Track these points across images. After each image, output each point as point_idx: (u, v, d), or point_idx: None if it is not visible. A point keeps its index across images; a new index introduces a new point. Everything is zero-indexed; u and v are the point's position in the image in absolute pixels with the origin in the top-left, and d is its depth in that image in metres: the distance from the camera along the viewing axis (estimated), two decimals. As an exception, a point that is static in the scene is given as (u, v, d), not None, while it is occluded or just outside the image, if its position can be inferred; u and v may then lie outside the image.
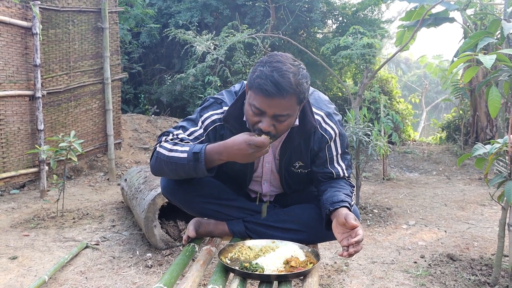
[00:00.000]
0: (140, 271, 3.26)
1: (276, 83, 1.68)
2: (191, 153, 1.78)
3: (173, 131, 1.97)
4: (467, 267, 3.25)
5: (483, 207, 5.17)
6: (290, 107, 1.75)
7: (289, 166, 2.07)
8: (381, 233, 4.18)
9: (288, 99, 1.72)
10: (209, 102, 2.06)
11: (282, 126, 1.79)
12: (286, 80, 1.69)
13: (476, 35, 2.94)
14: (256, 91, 1.73)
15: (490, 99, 2.70)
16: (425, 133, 16.33)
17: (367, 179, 7.03)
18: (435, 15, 5.53)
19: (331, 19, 11.78)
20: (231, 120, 1.94)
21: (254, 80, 1.74)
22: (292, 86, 1.70)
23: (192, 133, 1.97)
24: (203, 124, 1.99)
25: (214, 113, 2.00)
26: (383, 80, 11.23)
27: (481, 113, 9.00)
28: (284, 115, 1.75)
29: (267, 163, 2.11)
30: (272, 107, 1.72)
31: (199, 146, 1.80)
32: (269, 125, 1.75)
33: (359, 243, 1.64)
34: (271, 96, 1.69)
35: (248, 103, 1.80)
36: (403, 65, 26.57)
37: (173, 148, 1.84)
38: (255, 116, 1.78)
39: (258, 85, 1.71)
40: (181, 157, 1.80)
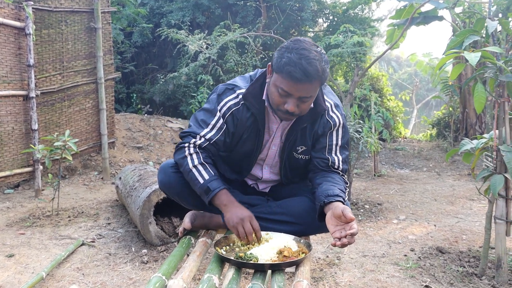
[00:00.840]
0: (136, 267, 3.31)
1: (304, 70, 1.83)
2: (206, 185, 1.99)
3: (198, 132, 2.08)
4: (456, 259, 3.34)
5: (472, 201, 5.27)
6: (314, 90, 1.93)
7: (292, 150, 2.17)
8: (372, 228, 4.27)
9: (314, 84, 1.89)
10: (221, 90, 2.16)
11: (305, 106, 1.95)
12: (313, 68, 1.85)
13: (462, 33, 3.01)
14: (284, 76, 1.87)
15: (476, 96, 2.77)
16: (416, 130, 16.46)
17: (358, 176, 7.11)
18: (424, 13, 5.59)
19: (322, 18, 11.85)
20: (250, 99, 2.08)
21: (283, 67, 1.87)
22: (319, 73, 1.87)
23: (214, 126, 2.09)
24: (221, 112, 2.10)
25: (228, 100, 2.11)
26: (374, 78, 11.32)
27: (470, 110, 9.11)
28: (308, 97, 1.92)
29: (274, 146, 2.20)
30: (299, 91, 1.88)
31: (216, 184, 2.00)
32: (295, 106, 1.92)
33: (353, 236, 1.72)
34: (300, 82, 1.85)
35: (274, 85, 1.95)
36: (394, 63, 26.68)
37: (198, 166, 2.04)
38: (281, 98, 1.93)
39: (288, 72, 1.85)
40: (197, 179, 2.01)
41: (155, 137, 8.33)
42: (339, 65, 11.11)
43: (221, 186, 1.99)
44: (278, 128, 2.15)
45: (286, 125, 2.15)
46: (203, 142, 2.07)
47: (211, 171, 2.02)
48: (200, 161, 2.03)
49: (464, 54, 2.61)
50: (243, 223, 1.88)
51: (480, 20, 3.16)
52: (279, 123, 2.14)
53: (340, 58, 8.72)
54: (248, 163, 2.22)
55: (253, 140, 2.14)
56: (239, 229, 1.87)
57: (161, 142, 8.29)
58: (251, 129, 2.12)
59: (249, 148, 2.17)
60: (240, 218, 1.89)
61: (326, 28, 11.58)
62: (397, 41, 5.50)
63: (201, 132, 2.08)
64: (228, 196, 1.98)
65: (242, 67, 8.53)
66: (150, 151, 7.91)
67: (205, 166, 2.03)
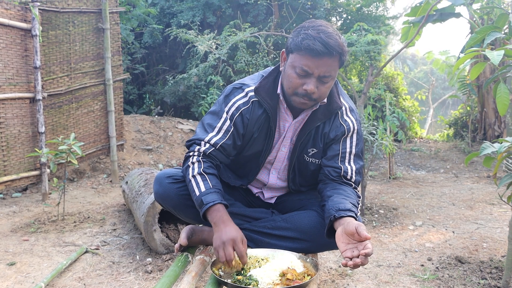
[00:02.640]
0: (140, 277, 3.20)
1: (325, 43, 1.76)
2: (200, 198, 1.84)
3: (202, 137, 1.98)
4: (476, 270, 3.15)
5: (492, 206, 5.06)
6: (334, 68, 1.83)
7: (303, 152, 2.05)
8: (387, 235, 4.09)
9: (334, 59, 1.80)
10: (229, 90, 2.06)
11: (324, 88, 1.86)
12: (333, 40, 1.78)
13: (483, 30, 2.83)
14: (304, 52, 1.79)
15: (498, 96, 2.60)
16: (432, 130, 16.19)
17: (373, 178, 6.93)
18: (440, 10, 5.42)
19: (335, 16, 11.68)
20: (263, 93, 1.98)
21: (301, 42, 1.79)
22: (340, 46, 1.79)
23: (220, 129, 1.98)
24: (228, 114, 1.99)
25: (237, 99, 2.01)
26: (389, 77, 11.13)
27: (488, 109, 8.88)
28: (328, 76, 1.83)
29: (284, 147, 2.08)
30: (320, 66, 1.79)
31: (211, 198, 1.83)
32: (314, 86, 1.82)
33: (367, 257, 1.55)
34: (320, 56, 1.77)
35: (292, 66, 1.85)
36: (409, 61, 26.38)
37: (197, 177, 1.90)
38: (300, 79, 1.83)
39: (307, 46, 1.77)
40: (194, 191, 1.87)
41: (165, 139, 8.23)
42: (353, 64, 10.94)
43: (215, 200, 1.82)
44: (290, 128, 2.01)
45: (298, 125, 2.03)
46: (208, 148, 1.95)
47: (210, 183, 1.87)
48: (200, 171, 1.90)
49: (485, 53, 2.43)
50: (224, 246, 1.70)
51: (502, 15, 2.98)
52: (291, 121, 2.01)
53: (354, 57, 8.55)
54: (255, 166, 2.08)
55: (263, 140, 2.02)
56: (219, 253, 1.69)
57: (171, 144, 8.19)
58: (262, 128, 2.00)
59: (258, 148, 2.04)
60: (222, 241, 1.71)
61: (339, 27, 11.39)
62: (412, 39, 5.32)
63: (205, 137, 1.96)
64: (220, 213, 1.80)
65: (253, 67, 8.40)
66: (160, 153, 7.81)
67: (204, 176, 1.89)
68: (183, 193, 1.95)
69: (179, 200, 1.96)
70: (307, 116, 2.01)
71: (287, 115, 2.01)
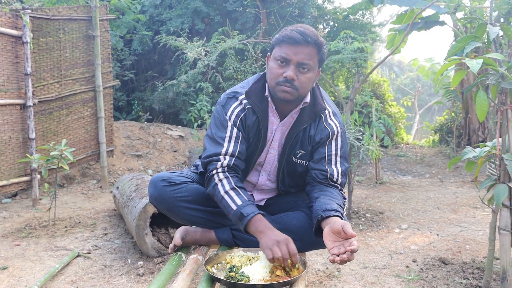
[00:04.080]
0: (132, 280, 3.25)
1: (301, 32, 1.94)
2: (239, 211, 1.90)
3: (219, 151, 2.02)
4: (459, 271, 3.25)
5: (475, 209, 5.18)
6: (312, 57, 1.96)
7: (291, 154, 2.13)
8: (374, 238, 4.18)
9: (311, 48, 1.95)
10: (224, 100, 2.14)
11: (304, 78, 1.97)
12: (310, 31, 1.96)
13: (463, 39, 2.94)
14: (282, 42, 1.97)
15: (478, 103, 2.70)
16: (419, 136, 16.36)
17: (359, 183, 7.03)
18: (425, 18, 5.55)
19: (323, 24, 11.79)
20: (253, 97, 2.08)
21: (280, 35, 1.98)
22: (315, 36, 1.95)
23: (230, 138, 2.05)
24: (231, 121, 2.07)
25: (234, 107, 2.09)
26: (375, 83, 11.26)
27: (472, 115, 9.03)
28: (306, 64, 1.95)
29: (273, 150, 2.16)
30: (298, 54, 1.94)
31: (251, 210, 1.90)
32: (294, 73, 1.95)
33: (353, 253, 1.64)
34: (297, 43, 1.93)
35: (274, 59, 2.00)
36: (396, 68, 26.59)
37: (230, 192, 1.95)
38: (280, 68, 1.97)
39: (285, 35, 1.95)
40: (230, 206, 1.92)
41: (154, 145, 8.27)
42: (339, 71, 11.06)
43: (255, 211, 1.89)
44: (277, 130, 2.10)
45: (286, 128, 2.11)
46: (230, 160, 2.01)
47: (244, 196, 1.94)
48: (232, 185, 1.96)
49: (465, 61, 2.53)
50: (279, 245, 1.75)
51: (481, 25, 3.09)
52: (277, 123, 2.10)
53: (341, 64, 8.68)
54: (246, 168, 2.16)
55: (255, 143, 2.10)
56: (274, 250, 1.74)
57: (160, 150, 8.23)
58: (255, 132, 2.09)
59: (250, 151, 2.12)
60: (276, 240, 1.77)
61: (326, 34, 11.51)
62: (398, 46, 5.44)
63: (222, 150, 2.02)
64: (264, 222, 1.88)
65: (241, 74, 8.47)
66: (149, 159, 7.85)
67: (237, 191, 1.96)
68: (177, 196, 2.02)
69: (173, 203, 2.02)
70: (294, 120, 2.10)
71: (274, 117, 2.10)
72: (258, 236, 1.84)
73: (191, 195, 2.04)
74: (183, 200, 2.02)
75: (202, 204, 2.03)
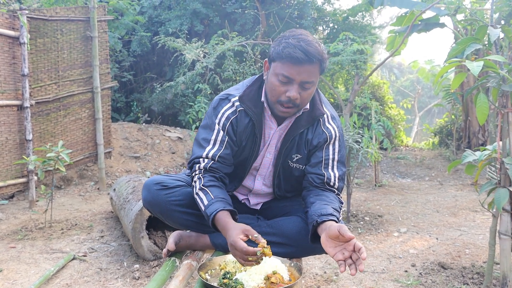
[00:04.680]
0: (127, 283, 3.21)
1: (305, 51, 1.83)
2: (205, 212, 1.87)
3: (200, 154, 2.01)
4: (459, 276, 3.22)
5: (475, 213, 5.14)
6: (315, 74, 1.90)
7: (287, 158, 2.09)
8: (372, 241, 4.15)
9: (315, 66, 1.88)
10: (216, 102, 2.10)
11: (306, 94, 1.92)
12: (313, 48, 1.85)
13: (464, 41, 2.91)
14: (285, 60, 1.86)
15: (479, 106, 2.67)
16: (418, 138, 16.33)
17: (358, 186, 7.00)
18: (425, 20, 5.52)
19: (322, 25, 11.77)
20: (247, 101, 2.04)
21: (282, 51, 1.87)
22: (319, 53, 1.87)
23: (215, 140, 2.02)
24: (219, 124, 2.03)
25: (225, 110, 2.05)
26: (375, 85, 11.24)
27: (472, 118, 9.00)
28: (309, 82, 1.89)
29: (269, 154, 2.12)
30: (301, 73, 1.86)
31: (213, 208, 1.85)
32: (297, 92, 1.89)
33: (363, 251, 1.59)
34: (301, 63, 1.84)
35: (274, 74, 1.92)
36: (396, 70, 26.59)
37: (199, 193, 1.93)
38: (282, 86, 1.90)
39: (288, 54, 1.84)
40: (200, 207, 1.90)
41: (152, 147, 8.24)
42: (339, 73, 11.03)
43: (217, 209, 1.83)
44: (274, 135, 2.06)
45: (282, 131, 2.07)
46: (207, 163, 1.98)
47: (211, 195, 1.90)
48: (200, 186, 1.93)
49: (465, 63, 2.50)
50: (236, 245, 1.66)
51: (482, 27, 3.06)
52: (275, 128, 2.06)
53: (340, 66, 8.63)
54: (241, 173, 2.13)
55: (250, 147, 2.07)
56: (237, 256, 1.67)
57: (158, 151, 8.19)
58: (249, 136, 2.05)
59: (245, 155, 2.08)
60: (230, 244, 1.69)
61: (326, 36, 11.49)
62: (398, 48, 5.41)
63: (203, 153, 2.00)
64: (221, 221, 1.80)
65: (240, 75, 8.45)
66: (147, 160, 7.81)
67: (205, 190, 1.92)
68: (171, 199, 1.99)
69: (167, 206, 1.99)
70: (291, 123, 2.06)
71: (271, 122, 2.06)
72: (224, 235, 1.79)
73: (185, 199, 2.01)
74: (177, 204, 1.99)
75: (196, 208, 1.99)
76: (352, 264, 1.60)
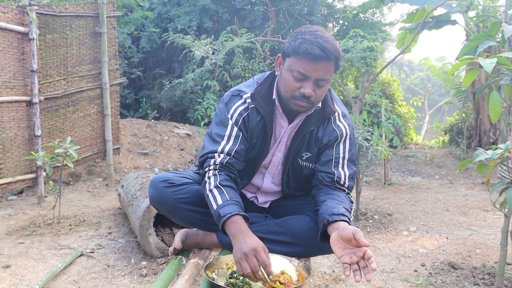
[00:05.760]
0: (134, 280, 3.21)
1: (322, 47, 1.80)
2: (217, 212, 1.80)
3: (214, 149, 1.97)
4: (469, 276, 3.17)
5: (486, 212, 5.09)
6: (330, 72, 1.87)
7: (297, 156, 2.06)
8: (381, 240, 4.11)
9: (331, 64, 1.84)
10: (228, 98, 2.08)
11: (320, 91, 1.89)
12: (330, 45, 1.82)
13: (477, 38, 2.87)
14: (301, 56, 1.82)
15: (491, 104, 2.63)
16: (428, 136, 16.24)
17: (368, 184, 6.96)
18: (436, 17, 5.46)
19: (332, 22, 11.73)
20: (259, 99, 2.01)
21: (299, 47, 1.82)
22: (336, 51, 1.84)
23: (229, 136, 1.99)
24: (232, 120, 2.01)
25: (237, 106, 2.03)
26: (385, 83, 11.17)
27: (484, 116, 8.92)
28: (324, 80, 1.86)
29: (279, 152, 2.10)
30: (317, 70, 1.83)
31: (228, 210, 1.78)
32: (312, 89, 1.85)
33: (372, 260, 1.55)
34: (318, 60, 1.81)
35: (289, 70, 1.88)
36: (406, 67, 26.46)
37: (213, 190, 1.87)
38: (297, 82, 1.86)
39: (306, 50, 1.80)
40: (212, 205, 1.84)
41: (161, 143, 8.24)
42: (349, 70, 10.98)
43: (233, 212, 1.76)
44: (285, 133, 2.04)
45: (292, 129, 2.05)
46: (224, 158, 1.95)
47: (227, 195, 1.84)
48: (216, 184, 1.87)
49: (478, 60, 2.46)
50: (247, 258, 1.60)
51: (495, 24, 3.01)
52: (286, 126, 2.04)
53: (350, 64, 8.60)
54: (250, 171, 2.10)
55: (260, 145, 2.04)
56: (242, 266, 1.60)
57: (167, 148, 8.19)
58: (260, 133, 2.03)
59: (254, 153, 2.06)
60: (243, 253, 1.62)
61: (336, 33, 11.44)
62: (408, 45, 5.36)
63: (217, 148, 1.96)
64: (238, 224, 1.74)
65: (249, 72, 8.42)
66: (156, 157, 7.82)
67: (221, 189, 1.86)
68: (178, 197, 1.96)
69: (174, 204, 1.96)
70: (301, 121, 2.03)
71: (282, 120, 2.03)
72: (232, 240, 1.72)
73: (192, 196, 1.98)
74: (184, 202, 1.96)
75: (203, 206, 1.96)
76: (357, 270, 1.56)
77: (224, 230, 1.78)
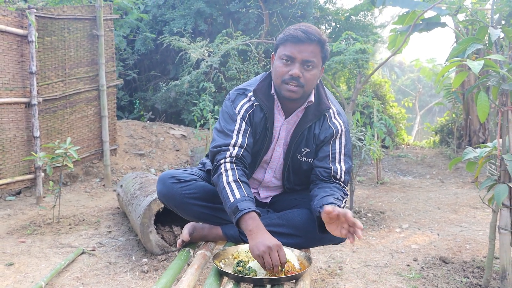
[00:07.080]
0: (136, 276, 3.29)
1: (304, 31, 2.00)
2: (235, 204, 1.88)
3: (228, 142, 2.06)
4: (459, 270, 3.30)
5: (476, 210, 5.23)
6: (315, 55, 2.03)
7: (296, 152, 2.18)
8: (375, 237, 4.23)
9: (315, 46, 2.02)
10: (233, 95, 2.20)
11: (309, 75, 2.03)
12: (312, 29, 2.02)
13: (465, 41, 2.98)
14: (286, 41, 2.03)
15: (479, 104, 2.74)
16: (419, 137, 16.40)
17: (361, 183, 7.08)
18: (427, 20, 5.57)
19: (325, 24, 11.84)
20: (260, 95, 2.14)
21: (284, 34, 2.05)
22: (318, 34, 2.02)
23: (239, 131, 2.10)
24: (240, 115, 2.13)
25: (243, 103, 2.16)
26: (377, 84, 11.30)
27: (473, 116, 9.07)
28: (311, 61, 2.01)
29: (279, 147, 2.21)
30: (302, 52, 2.00)
31: (246, 205, 1.87)
32: (299, 70, 2.00)
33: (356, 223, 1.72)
34: (301, 41, 1.99)
35: (278, 58, 2.07)
36: (397, 69, 26.62)
37: (232, 184, 1.95)
38: (285, 67, 2.03)
39: (289, 34, 2.01)
40: (229, 198, 1.91)
41: (157, 144, 8.32)
42: (341, 72, 11.10)
43: (250, 208, 1.86)
44: (283, 128, 2.15)
45: (291, 126, 2.17)
46: (239, 151, 2.05)
47: (244, 191, 1.93)
48: (235, 178, 1.97)
49: (467, 62, 2.58)
50: (271, 252, 1.71)
51: (482, 28, 3.13)
52: (282, 121, 2.16)
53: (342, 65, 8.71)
54: (252, 165, 2.21)
55: (261, 140, 2.16)
56: (265, 259, 1.70)
57: (163, 149, 8.27)
58: (262, 130, 2.14)
59: (256, 149, 2.17)
60: (267, 247, 1.71)
61: (329, 35, 11.56)
62: (400, 47, 5.47)
63: (231, 141, 2.06)
64: (256, 221, 1.83)
65: (244, 74, 8.52)
66: (152, 158, 7.89)
67: (239, 184, 1.95)
68: (185, 192, 2.07)
69: (181, 199, 2.07)
70: (299, 118, 2.15)
71: (279, 115, 2.16)
72: (247, 234, 1.81)
73: (199, 192, 2.09)
74: (191, 197, 2.07)
75: (209, 201, 2.08)
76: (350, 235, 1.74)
77: (239, 223, 1.86)
